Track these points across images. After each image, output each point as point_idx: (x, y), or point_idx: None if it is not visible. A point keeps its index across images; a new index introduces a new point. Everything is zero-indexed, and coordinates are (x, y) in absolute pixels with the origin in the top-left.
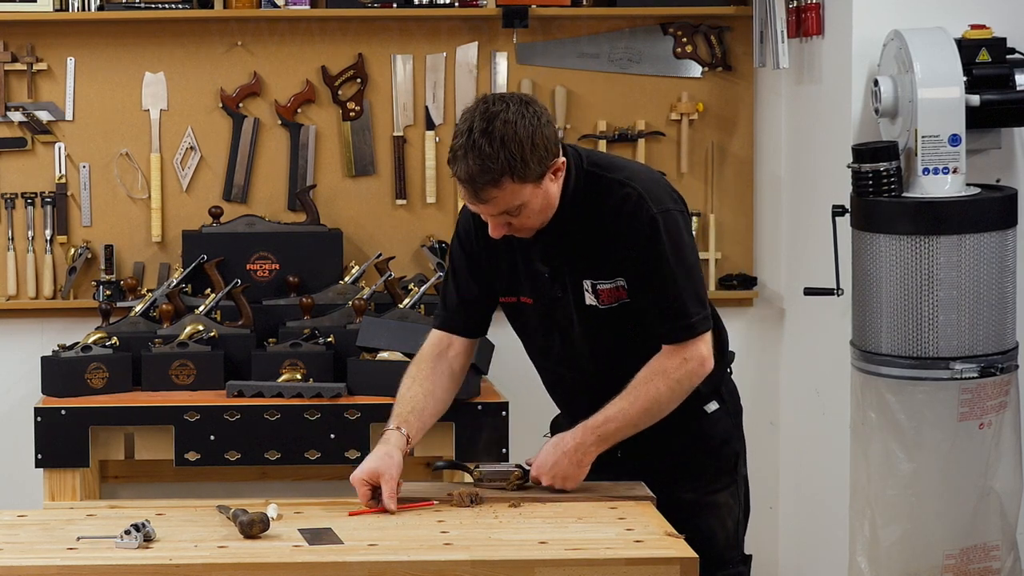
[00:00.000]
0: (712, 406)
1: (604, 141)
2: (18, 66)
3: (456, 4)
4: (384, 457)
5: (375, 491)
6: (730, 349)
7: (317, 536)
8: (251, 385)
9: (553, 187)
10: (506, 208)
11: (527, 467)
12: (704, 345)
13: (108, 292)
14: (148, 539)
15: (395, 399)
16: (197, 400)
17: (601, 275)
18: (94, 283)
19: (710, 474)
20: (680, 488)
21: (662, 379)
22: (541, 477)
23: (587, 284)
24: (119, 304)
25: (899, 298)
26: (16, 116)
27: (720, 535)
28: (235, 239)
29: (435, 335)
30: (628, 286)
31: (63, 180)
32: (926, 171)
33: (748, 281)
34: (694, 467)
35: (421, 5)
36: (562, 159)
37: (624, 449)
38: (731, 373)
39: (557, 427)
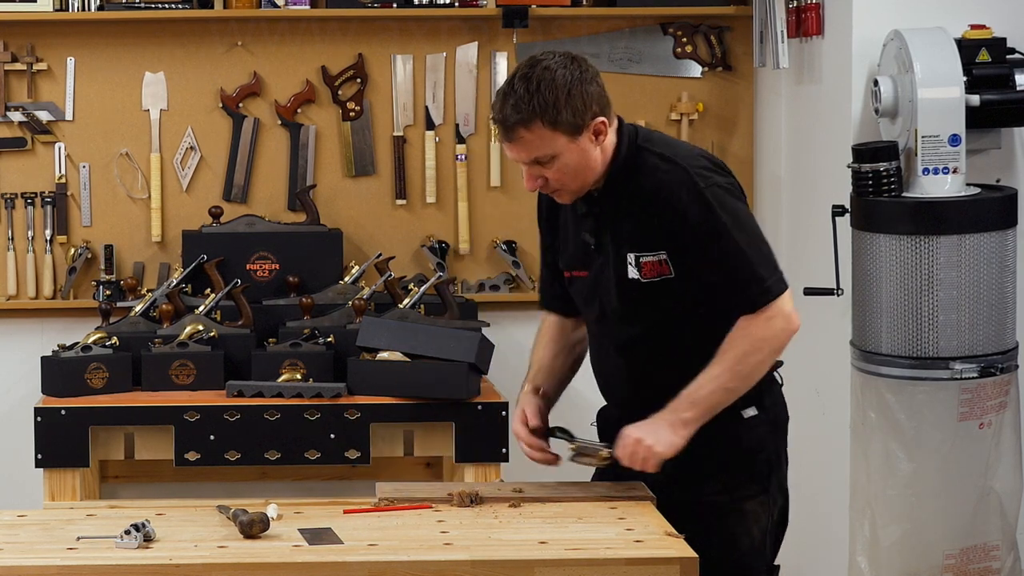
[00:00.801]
0: (750, 412)
1: None
2: (18, 66)
3: (456, 4)
4: (524, 406)
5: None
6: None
7: (317, 536)
8: (251, 385)
9: (593, 150)
10: (537, 155)
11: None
12: (787, 302)
13: (108, 292)
14: (148, 539)
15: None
16: (197, 400)
17: (645, 247)
18: (94, 283)
19: (740, 479)
20: (709, 489)
21: (747, 340)
22: (631, 432)
23: (631, 257)
24: (119, 304)
25: (899, 298)
26: (16, 116)
27: (744, 542)
28: (235, 239)
29: (547, 316)
30: (672, 262)
31: (63, 180)
32: (926, 171)
33: None
34: (724, 470)
35: (421, 5)
36: (603, 119)
37: None
38: (782, 384)
39: (603, 418)
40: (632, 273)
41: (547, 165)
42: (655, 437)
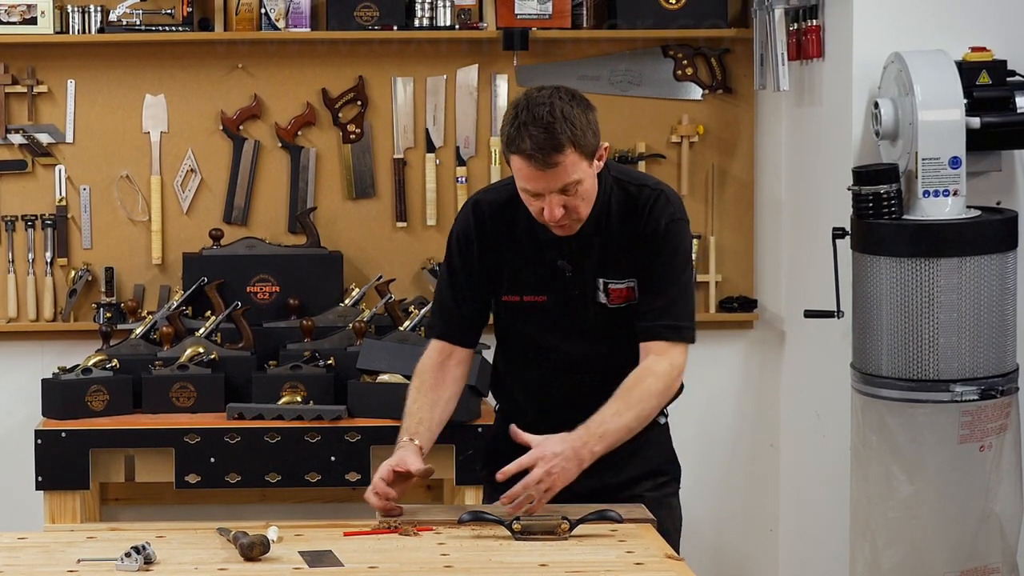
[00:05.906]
0: (663, 419)
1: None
2: (19, 88)
3: (456, 27)
4: (401, 457)
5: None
6: (727, 372)
7: (317, 558)
8: (251, 407)
9: (596, 175)
10: (567, 181)
11: (570, 519)
12: (685, 359)
13: (108, 314)
14: (148, 561)
15: (404, 412)
16: (197, 422)
17: (616, 275)
18: (94, 305)
19: (665, 478)
20: (642, 486)
21: (653, 380)
22: (539, 462)
23: (600, 283)
24: (119, 326)
25: (899, 320)
26: (17, 138)
27: (674, 536)
28: (235, 261)
29: (435, 345)
30: (638, 288)
31: (63, 202)
32: (926, 193)
33: (748, 303)
34: (653, 469)
35: (422, 28)
36: (607, 144)
37: None
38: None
39: (502, 438)
40: (601, 298)
41: (571, 193)
42: (563, 471)
